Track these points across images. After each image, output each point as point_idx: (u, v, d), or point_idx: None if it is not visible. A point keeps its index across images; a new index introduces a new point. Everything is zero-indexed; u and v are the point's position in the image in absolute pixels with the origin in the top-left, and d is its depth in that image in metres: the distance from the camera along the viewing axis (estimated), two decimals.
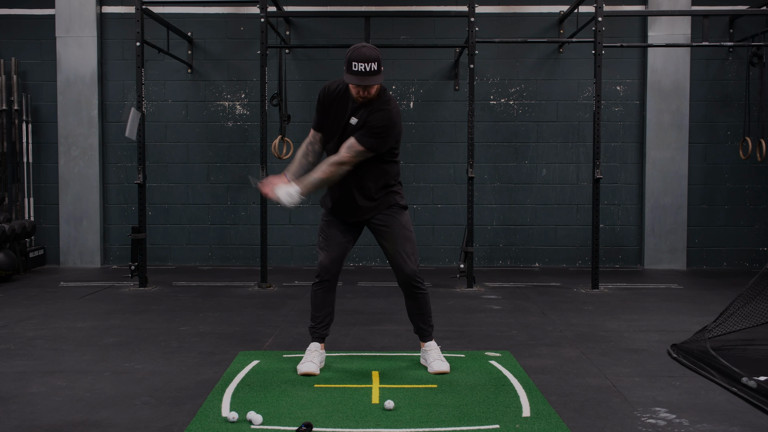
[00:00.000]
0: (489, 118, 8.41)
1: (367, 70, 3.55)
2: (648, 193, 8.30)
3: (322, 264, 3.90)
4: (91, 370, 3.98)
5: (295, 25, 8.46)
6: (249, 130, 8.46)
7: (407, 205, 3.97)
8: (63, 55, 8.32)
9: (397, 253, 3.85)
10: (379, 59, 3.60)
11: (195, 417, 3.17)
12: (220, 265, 8.47)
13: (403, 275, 3.86)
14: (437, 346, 4.03)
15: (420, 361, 4.09)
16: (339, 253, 3.91)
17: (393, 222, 3.86)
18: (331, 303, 3.98)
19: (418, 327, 4.03)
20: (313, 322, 4.00)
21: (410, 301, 3.97)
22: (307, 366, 3.85)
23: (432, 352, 3.98)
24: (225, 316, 5.54)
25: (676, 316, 5.59)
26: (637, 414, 3.25)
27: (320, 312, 3.97)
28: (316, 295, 3.96)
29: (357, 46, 3.61)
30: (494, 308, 5.88)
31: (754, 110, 8.14)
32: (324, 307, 3.96)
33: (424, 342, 4.03)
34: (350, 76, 3.57)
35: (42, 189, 8.53)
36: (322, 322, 3.98)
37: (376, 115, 3.68)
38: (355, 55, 3.54)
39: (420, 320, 4.00)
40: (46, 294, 6.53)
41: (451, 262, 8.40)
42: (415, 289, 3.90)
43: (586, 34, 7.77)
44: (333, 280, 3.94)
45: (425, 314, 3.99)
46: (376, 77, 3.59)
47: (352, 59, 3.55)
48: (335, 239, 3.91)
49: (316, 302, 3.96)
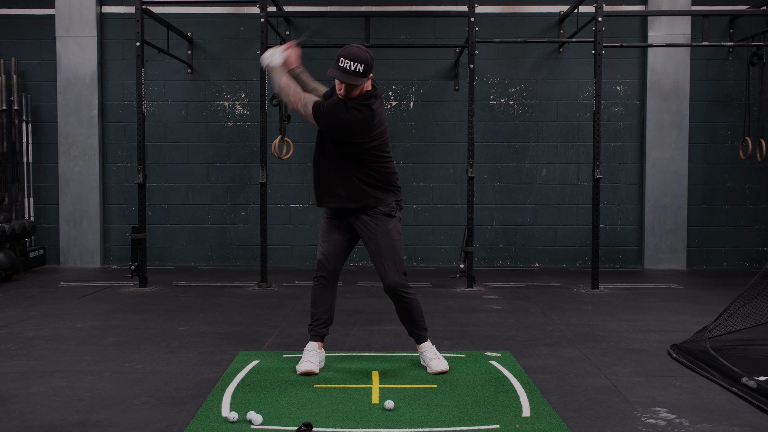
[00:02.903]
0: (489, 118, 8.41)
1: (351, 69, 3.62)
2: (648, 193, 8.30)
3: (319, 260, 3.96)
4: (91, 370, 3.98)
5: (295, 25, 8.46)
6: (249, 130, 8.46)
7: (394, 213, 3.91)
8: (63, 55, 8.32)
9: (378, 262, 3.87)
10: (368, 63, 3.64)
11: (195, 417, 3.17)
12: (220, 265, 8.47)
13: (385, 284, 3.88)
14: (432, 346, 4.04)
15: (420, 361, 4.09)
16: (335, 250, 3.93)
17: (377, 229, 3.85)
18: (329, 301, 3.99)
19: (410, 331, 4.05)
20: (311, 320, 4.03)
21: (397, 308, 3.98)
22: (306, 365, 3.85)
23: (428, 353, 3.99)
24: (225, 316, 5.54)
25: (676, 316, 5.59)
26: (637, 414, 3.25)
27: (318, 309, 3.98)
28: (313, 292, 4.00)
29: (352, 45, 3.71)
30: (494, 308, 5.88)
31: (754, 110, 8.14)
32: (321, 304, 3.97)
33: (419, 344, 4.05)
34: (334, 70, 3.67)
35: (42, 189, 8.53)
36: (320, 320, 3.99)
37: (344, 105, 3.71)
38: (345, 52, 3.66)
39: (411, 325, 4.01)
40: (46, 294, 6.52)
41: (451, 262, 8.40)
42: (399, 297, 3.90)
43: (586, 34, 7.78)
44: (330, 277, 3.95)
45: (415, 319, 3.99)
46: (358, 78, 3.64)
47: (341, 54, 3.67)
48: (332, 236, 3.95)
49: (314, 299, 4.00)
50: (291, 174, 8.45)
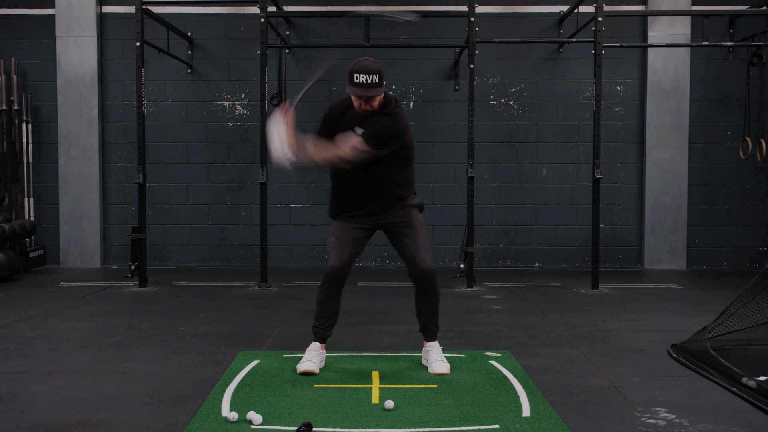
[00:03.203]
0: (489, 118, 8.41)
1: (368, 82, 3.63)
2: (648, 193, 8.30)
3: (333, 266, 3.90)
4: (91, 370, 3.98)
5: (295, 25, 8.46)
6: (249, 130, 8.46)
7: (422, 204, 4.13)
8: (63, 55, 8.32)
9: (416, 251, 3.88)
10: (381, 72, 3.68)
11: (195, 417, 3.17)
12: (220, 265, 8.47)
13: (422, 269, 3.86)
14: (440, 347, 4.04)
15: (421, 361, 4.09)
16: (350, 256, 3.93)
17: (412, 217, 3.97)
18: (336, 305, 3.99)
19: (425, 325, 4.02)
20: (317, 322, 4.00)
21: (424, 298, 3.96)
22: (307, 365, 3.85)
23: (434, 353, 3.99)
24: (225, 316, 5.54)
25: (676, 316, 5.59)
26: (637, 414, 3.25)
27: (325, 313, 3.97)
28: (322, 296, 3.96)
29: (360, 59, 3.69)
30: (494, 308, 5.88)
31: (754, 110, 8.14)
32: (329, 308, 3.97)
33: (428, 341, 4.03)
34: (352, 88, 3.66)
35: (42, 189, 8.53)
36: (327, 323, 3.99)
37: (381, 119, 3.74)
38: (357, 67, 3.65)
39: (429, 318, 4.00)
40: (46, 294, 6.53)
41: (451, 262, 8.40)
42: (430, 284, 3.91)
43: (586, 34, 7.77)
44: (341, 282, 3.95)
45: (435, 312, 4.00)
46: (377, 89, 3.67)
47: (353, 71, 3.65)
48: (347, 241, 3.92)
49: (322, 303, 3.96)
50: (291, 174, 8.45)
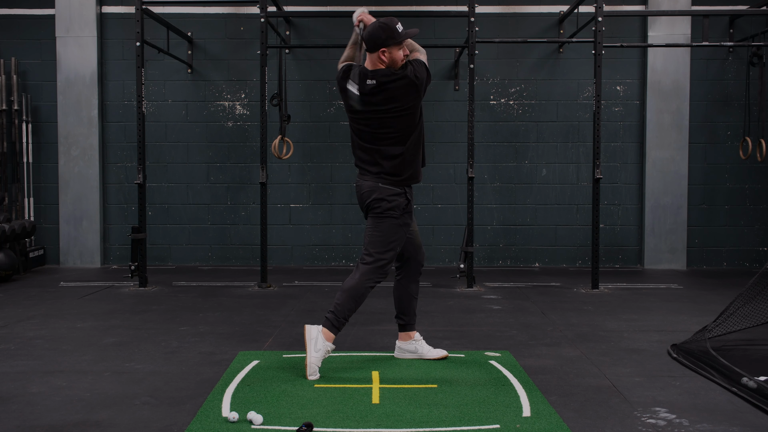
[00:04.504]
0: (489, 118, 8.41)
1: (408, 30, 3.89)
2: (648, 193, 8.30)
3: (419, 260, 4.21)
4: (91, 370, 3.98)
5: (295, 25, 8.46)
6: (249, 130, 8.46)
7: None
8: (63, 55, 8.32)
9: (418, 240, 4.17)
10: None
11: (195, 417, 3.17)
12: (220, 265, 8.47)
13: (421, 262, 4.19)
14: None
15: (406, 353, 4.19)
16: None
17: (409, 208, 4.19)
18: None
19: (412, 314, 4.18)
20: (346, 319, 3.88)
21: (415, 286, 4.19)
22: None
23: (424, 342, 4.21)
24: (225, 316, 5.54)
25: (676, 316, 5.59)
26: (637, 414, 3.25)
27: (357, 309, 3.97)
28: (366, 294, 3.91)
29: (383, 20, 3.89)
30: (494, 308, 5.88)
31: (754, 110, 8.14)
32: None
33: (414, 332, 4.19)
34: (407, 32, 3.88)
35: (42, 189, 8.53)
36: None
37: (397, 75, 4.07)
38: (393, 22, 3.85)
39: (413, 308, 4.19)
40: (46, 294, 6.53)
41: (451, 262, 8.40)
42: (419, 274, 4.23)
43: (586, 34, 7.78)
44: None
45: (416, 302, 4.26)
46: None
47: (393, 25, 3.84)
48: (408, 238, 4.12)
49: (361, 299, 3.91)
50: (291, 174, 8.45)
